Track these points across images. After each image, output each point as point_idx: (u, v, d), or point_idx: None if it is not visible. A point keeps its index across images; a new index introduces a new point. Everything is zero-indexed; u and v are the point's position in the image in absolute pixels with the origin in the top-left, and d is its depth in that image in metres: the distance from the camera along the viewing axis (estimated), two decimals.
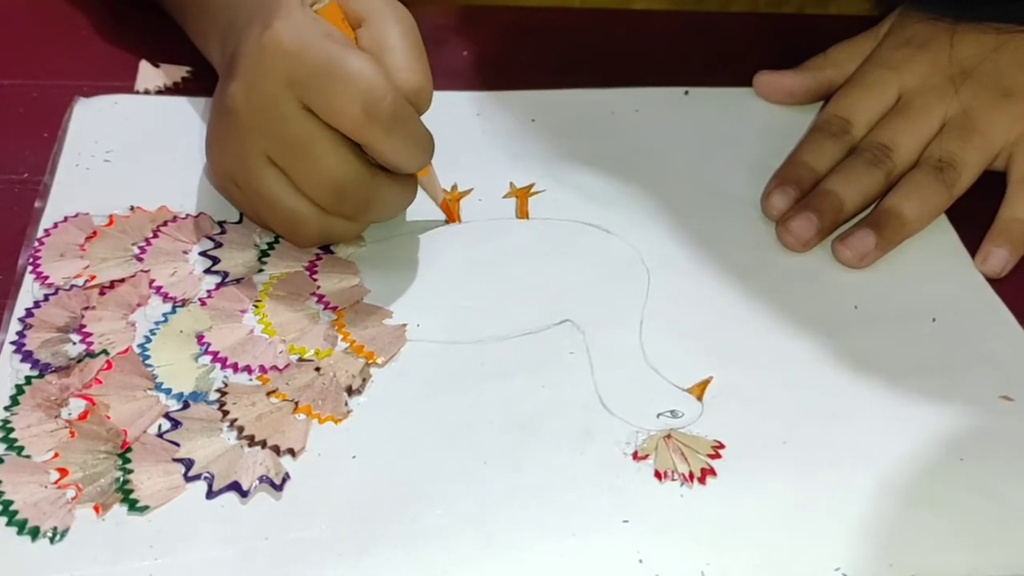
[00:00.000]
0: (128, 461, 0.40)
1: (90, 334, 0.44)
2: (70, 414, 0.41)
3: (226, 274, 0.47)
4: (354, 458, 0.41)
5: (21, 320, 0.44)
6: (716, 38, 0.64)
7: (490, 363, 0.45)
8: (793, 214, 0.50)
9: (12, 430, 0.40)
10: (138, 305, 0.46)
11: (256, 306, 0.46)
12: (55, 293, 0.45)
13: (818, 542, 0.40)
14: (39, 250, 0.47)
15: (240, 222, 0.49)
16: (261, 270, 0.47)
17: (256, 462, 0.40)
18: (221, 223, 0.49)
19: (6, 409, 0.41)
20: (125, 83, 0.56)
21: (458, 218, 0.51)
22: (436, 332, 0.46)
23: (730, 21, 0.66)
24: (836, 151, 0.54)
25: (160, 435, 0.41)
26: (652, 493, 0.41)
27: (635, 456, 0.42)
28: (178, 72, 0.57)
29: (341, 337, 0.45)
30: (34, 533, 0.38)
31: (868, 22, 0.59)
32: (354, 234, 0.48)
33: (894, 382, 0.45)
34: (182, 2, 0.55)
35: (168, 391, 0.42)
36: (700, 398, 0.44)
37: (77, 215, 0.49)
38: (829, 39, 0.59)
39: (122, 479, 0.39)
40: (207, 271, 0.47)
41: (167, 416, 0.42)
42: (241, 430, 0.41)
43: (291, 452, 0.41)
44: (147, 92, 0.56)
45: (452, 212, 0.51)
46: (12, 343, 0.43)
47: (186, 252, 0.48)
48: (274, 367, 0.44)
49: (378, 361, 0.44)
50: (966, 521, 0.41)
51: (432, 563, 0.38)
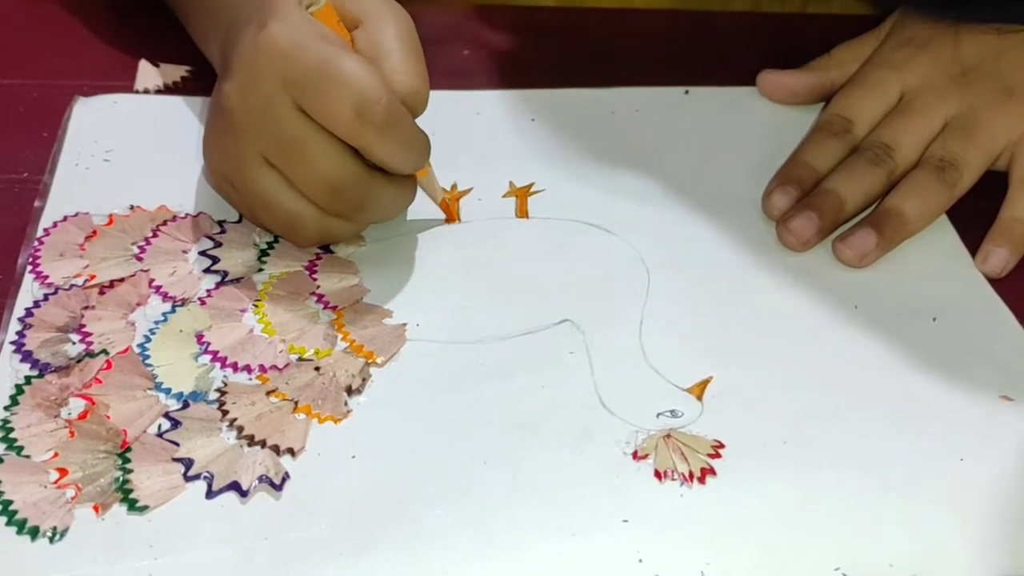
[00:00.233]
0: (128, 461, 0.40)
1: (90, 334, 0.44)
2: (70, 414, 0.41)
3: (226, 273, 0.47)
4: (354, 458, 0.41)
5: (21, 320, 0.44)
6: (717, 37, 0.64)
7: (490, 363, 0.45)
8: (794, 213, 0.50)
9: (12, 430, 0.40)
10: (138, 304, 0.46)
11: (256, 305, 0.46)
12: (55, 293, 0.45)
13: (818, 542, 0.40)
14: (39, 249, 0.47)
15: (240, 221, 0.49)
16: (261, 269, 0.47)
17: (256, 462, 0.40)
18: (221, 222, 0.49)
19: (6, 409, 0.41)
20: (125, 83, 0.56)
21: (458, 217, 0.51)
22: (436, 332, 0.46)
23: (731, 20, 0.65)
24: (838, 151, 0.54)
25: (160, 435, 0.41)
26: (652, 493, 0.41)
27: (635, 456, 0.42)
28: (177, 72, 0.57)
29: (341, 337, 0.45)
30: (34, 533, 0.38)
31: (870, 22, 0.59)
32: (353, 234, 0.48)
33: (894, 382, 0.45)
34: (184, 2, 0.55)
35: (168, 391, 0.42)
36: (700, 398, 0.44)
37: (77, 214, 0.49)
38: (830, 38, 0.59)
39: (122, 479, 0.39)
40: (207, 270, 0.47)
41: (167, 416, 0.42)
42: (241, 430, 0.41)
43: (291, 452, 0.41)
44: (147, 92, 0.56)
45: (452, 212, 0.51)
46: (12, 343, 0.43)
47: (186, 251, 0.48)
48: (274, 367, 0.44)
49: (378, 361, 0.44)
50: (966, 521, 0.41)
51: (432, 563, 0.38)
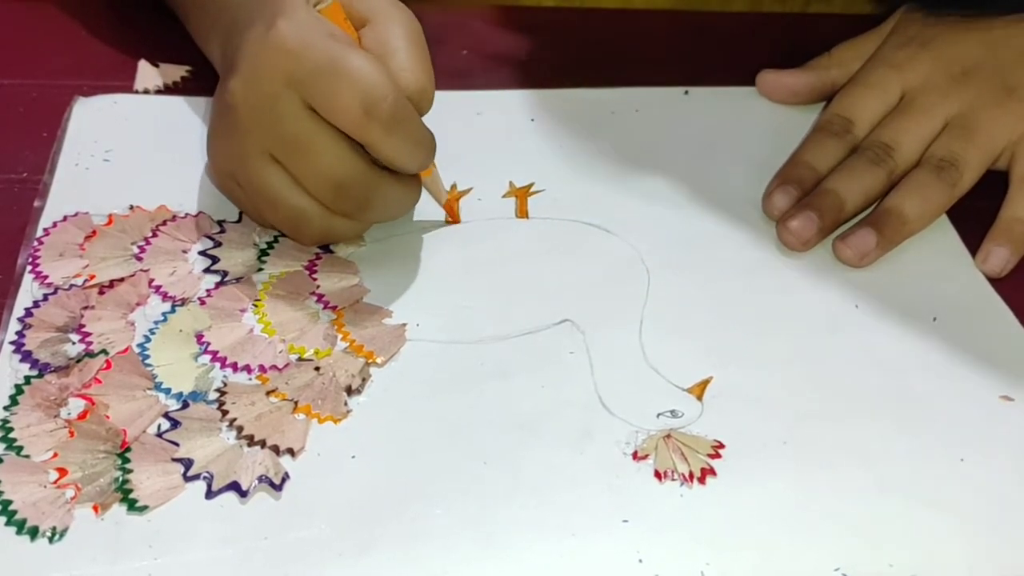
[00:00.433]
0: (127, 461, 0.40)
1: (89, 334, 0.44)
2: (69, 414, 0.41)
3: (225, 273, 0.47)
4: (354, 458, 0.41)
5: (20, 320, 0.44)
6: (717, 37, 0.64)
7: (490, 363, 0.45)
8: (794, 213, 0.50)
9: (11, 430, 0.40)
10: (137, 304, 0.46)
11: (256, 305, 0.46)
12: (54, 293, 0.45)
13: (818, 542, 0.40)
14: (38, 249, 0.47)
15: (239, 221, 0.49)
16: (260, 269, 0.47)
17: (255, 462, 0.40)
18: (220, 222, 0.49)
19: (5, 409, 0.41)
20: (124, 83, 0.56)
21: (458, 218, 0.51)
22: (436, 332, 0.46)
23: (731, 20, 0.65)
24: (838, 150, 0.54)
25: (159, 435, 0.41)
26: (652, 493, 0.41)
27: (635, 456, 0.42)
28: (177, 72, 0.57)
29: (341, 337, 0.45)
30: (33, 533, 0.38)
31: (871, 21, 0.59)
32: (357, 233, 0.48)
33: (894, 382, 0.45)
34: (184, 2, 0.55)
35: (167, 391, 0.42)
36: (700, 398, 0.44)
37: (76, 214, 0.49)
38: (831, 38, 0.59)
39: (121, 479, 0.39)
40: (206, 270, 0.47)
41: (166, 416, 0.41)
42: (240, 430, 0.41)
43: (290, 452, 0.41)
44: (146, 92, 0.56)
45: (453, 212, 0.51)
46: (11, 343, 0.43)
47: (185, 251, 0.48)
48: (273, 367, 0.44)
49: (378, 361, 0.44)
50: (966, 521, 0.40)
51: (432, 563, 0.38)
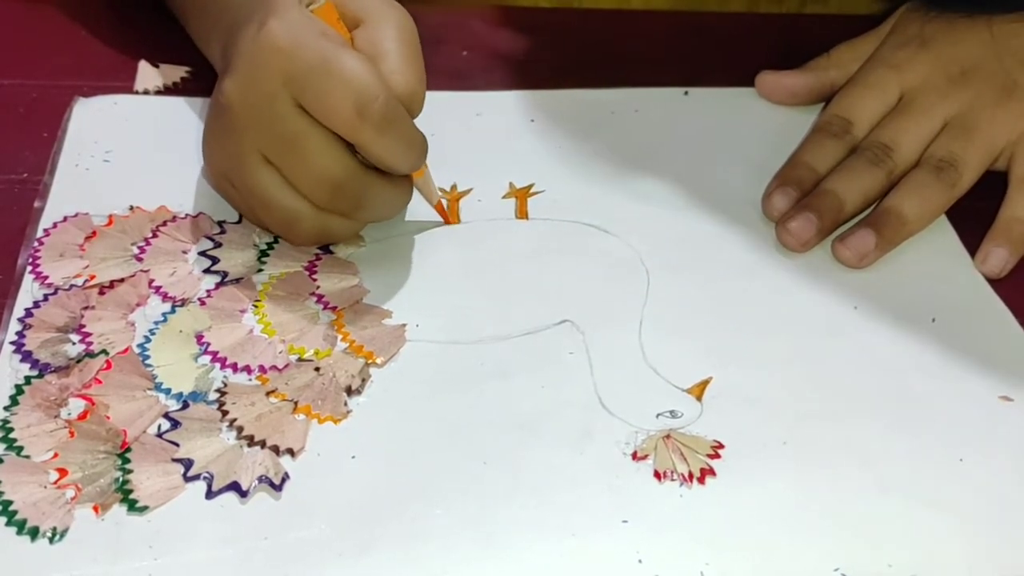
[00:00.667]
0: (127, 461, 0.40)
1: (90, 334, 0.44)
2: (69, 414, 0.41)
3: (225, 274, 0.47)
4: (354, 458, 0.41)
5: (21, 320, 0.44)
6: (716, 38, 0.64)
7: (490, 363, 0.45)
8: (793, 214, 0.50)
9: (12, 430, 0.40)
10: (137, 305, 0.46)
11: (255, 306, 0.46)
12: (54, 293, 0.45)
13: (818, 542, 0.40)
14: (39, 250, 0.47)
15: (239, 222, 0.49)
16: (260, 270, 0.47)
17: (255, 462, 0.40)
18: (220, 223, 0.49)
19: (6, 409, 0.41)
20: (124, 83, 0.56)
21: (458, 218, 0.51)
22: (436, 332, 0.46)
23: (730, 21, 0.65)
24: (837, 151, 0.54)
25: (159, 435, 0.41)
26: (651, 493, 0.41)
27: (634, 456, 0.42)
28: (177, 72, 0.57)
29: (340, 337, 0.45)
30: (33, 533, 0.38)
31: (870, 21, 0.59)
32: (351, 233, 0.48)
33: (894, 382, 0.45)
34: (184, 4, 0.55)
35: (168, 391, 0.42)
36: (700, 398, 0.44)
37: (76, 215, 0.49)
38: (829, 38, 0.59)
39: (121, 479, 0.39)
40: (206, 271, 0.47)
41: (166, 416, 0.41)
42: (240, 430, 0.41)
43: (290, 452, 0.41)
44: (146, 92, 0.56)
45: (451, 212, 0.51)
46: (12, 343, 0.43)
47: (185, 252, 0.48)
48: (273, 367, 0.44)
49: (377, 361, 0.44)
50: (966, 521, 0.40)
51: (432, 563, 0.38)
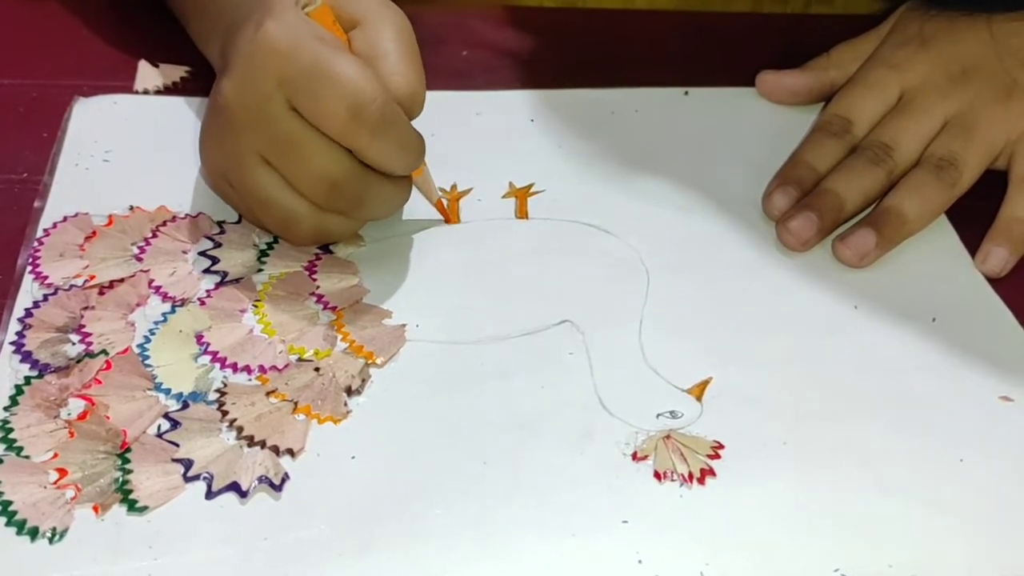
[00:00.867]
0: (127, 461, 0.40)
1: (89, 334, 0.44)
2: (69, 414, 0.41)
3: (225, 274, 0.47)
4: (353, 458, 0.41)
5: (20, 320, 0.44)
6: (717, 38, 0.64)
7: (490, 363, 0.45)
8: (793, 213, 0.50)
9: (11, 430, 0.40)
10: (137, 305, 0.46)
11: (255, 306, 0.46)
12: (54, 293, 0.45)
13: (818, 542, 0.40)
14: (38, 250, 0.47)
15: (239, 222, 0.49)
16: (260, 270, 0.47)
17: (255, 462, 0.40)
18: (220, 223, 0.49)
19: (5, 409, 0.41)
20: (124, 83, 0.56)
21: (457, 218, 0.51)
22: (436, 332, 0.46)
23: (731, 21, 0.65)
24: (838, 151, 0.54)
25: (159, 435, 0.41)
26: (651, 493, 0.41)
27: (634, 456, 0.42)
28: (177, 72, 0.57)
29: (340, 337, 0.45)
30: (33, 533, 0.38)
31: (870, 21, 0.59)
32: (350, 232, 0.48)
33: (894, 382, 0.45)
34: (184, 5, 0.55)
35: (167, 391, 0.42)
36: (700, 398, 0.44)
37: (76, 215, 0.49)
38: (830, 39, 0.59)
39: (121, 479, 0.39)
40: (206, 271, 0.47)
41: (166, 416, 0.41)
42: (240, 430, 0.41)
43: (290, 452, 0.41)
44: (146, 92, 0.56)
45: (451, 212, 0.51)
46: (11, 343, 0.43)
47: (185, 252, 0.48)
48: (273, 367, 0.44)
49: (377, 361, 0.44)
50: (966, 521, 0.40)
51: (432, 563, 0.38)
